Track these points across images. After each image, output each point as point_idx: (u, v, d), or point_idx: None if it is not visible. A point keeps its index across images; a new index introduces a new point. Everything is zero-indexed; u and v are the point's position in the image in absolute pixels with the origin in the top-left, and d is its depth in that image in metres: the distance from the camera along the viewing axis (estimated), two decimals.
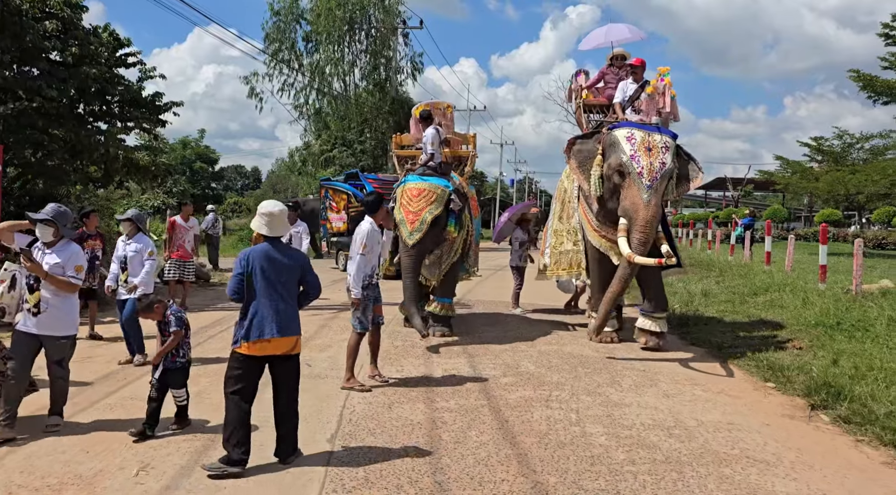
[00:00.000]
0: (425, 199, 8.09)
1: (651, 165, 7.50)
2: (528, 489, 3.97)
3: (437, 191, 8.14)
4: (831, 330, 8.68)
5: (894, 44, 15.63)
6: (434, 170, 8.51)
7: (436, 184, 8.22)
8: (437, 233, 8.16)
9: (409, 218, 7.99)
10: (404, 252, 8.07)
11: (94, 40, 11.52)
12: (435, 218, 8.03)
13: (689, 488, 4.04)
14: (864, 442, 5.00)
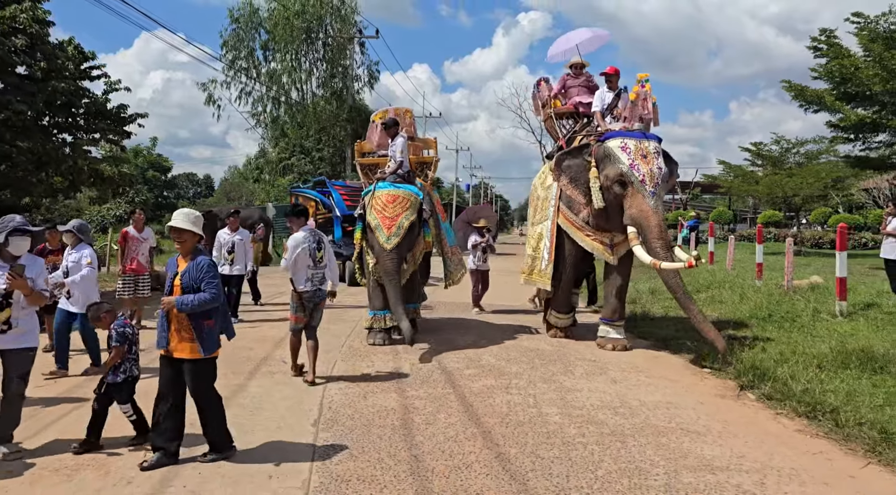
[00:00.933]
0: (401, 206, 8.17)
1: (651, 172, 7.76)
2: (492, 459, 4.56)
3: (410, 199, 8.27)
4: (763, 321, 9.55)
5: (822, 56, 16.75)
6: (403, 178, 8.60)
7: (408, 191, 8.34)
8: (412, 239, 8.33)
9: (386, 223, 8.05)
10: (385, 256, 8.05)
11: (60, 54, 11.79)
12: (411, 223, 8.17)
13: (630, 454, 4.69)
14: (782, 414, 5.73)
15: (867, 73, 15.56)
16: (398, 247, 8.05)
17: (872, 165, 18.54)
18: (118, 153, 15.88)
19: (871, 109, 16.66)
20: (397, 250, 8.05)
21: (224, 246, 10.12)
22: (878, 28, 15.82)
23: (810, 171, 25.10)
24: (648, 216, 7.69)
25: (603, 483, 4.17)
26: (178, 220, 4.44)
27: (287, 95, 31.31)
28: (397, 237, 8.03)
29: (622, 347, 8.32)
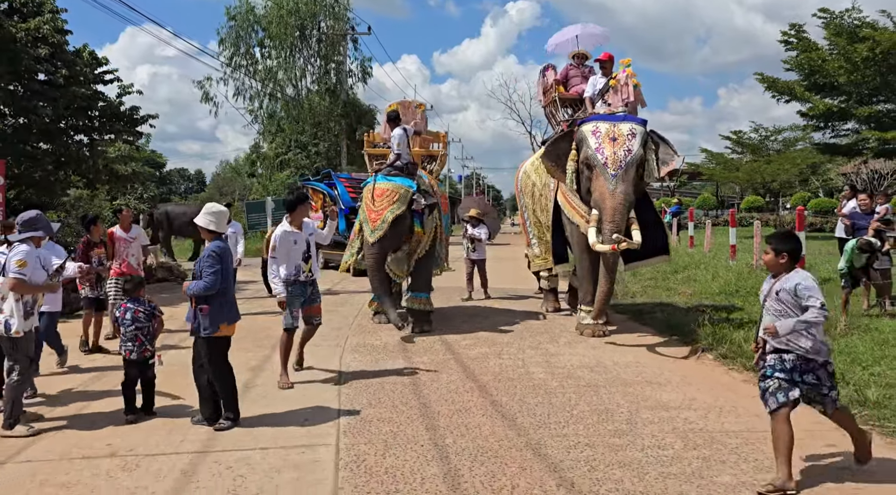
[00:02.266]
0: (388, 199, 8.19)
1: (615, 154, 7.71)
2: (487, 404, 5.54)
3: (399, 191, 8.25)
4: (730, 296, 10.59)
5: (792, 49, 17.75)
6: (400, 170, 8.61)
7: (399, 184, 8.34)
8: (401, 231, 8.34)
9: (371, 216, 8.16)
10: (367, 250, 8.24)
11: (78, 61, 12.62)
12: (397, 217, 8.13)
13: (601, 399, 5.68)
14: (734, 369, 6.73)
15: (833, 65, 16.57)
16: (380, 240, 8.09)
17: (841, 152, 19.61)
18: (131, 151, 16.74)
19: (838, 99, 17.68)
20: (379, 244, 8.11)
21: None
22: (843, 23, 16.81)
23: (787, 158, 26.23)
24: (605, 198, 7.69)
25: (577, 419, 5.16)
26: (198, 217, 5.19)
27: (282, 91, 32.07)
28: (380, 231, 8.07)
29: (601, 333, 8.29)
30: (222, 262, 4.97)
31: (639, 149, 7.83)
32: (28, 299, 5.04)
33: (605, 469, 4.16)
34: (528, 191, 10.35)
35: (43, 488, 3.97)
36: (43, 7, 12.03)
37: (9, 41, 11.05)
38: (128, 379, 5.27)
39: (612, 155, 7.74)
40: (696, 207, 35.58)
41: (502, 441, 4.67)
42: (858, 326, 7.64)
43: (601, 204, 7.77)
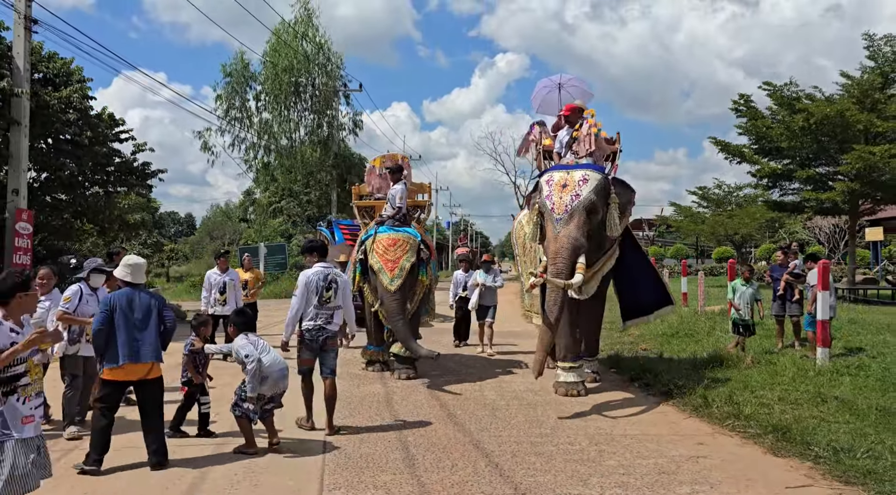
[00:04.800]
0: (401, 249, 8.60)
1: (561, 199, 7.62)
2: (444, 415, 6.99)
3: (410, 241, 8.69)
4: (669, 337, 12.11)
5: (742, 117, 19.71)
6: (400, 222, 9.02)
7: (408, 234, 8.78)
8: (413, 280, 8.75)
9: (389, 266, 8.47)
10: (389, 297, 8.42)
11: (100, 124, 14.23)
12: (412, 265, 8.61)
13: (536, 413, 7.13)
14: (652, 393, 8.21)
15: (775, 132, 18.49)
16: (401, 288, 8.45)
17: (787, 209, 21.40)
18: (142, 202, 18.28)
19: (782, 162, 19.58)
20: (401, 291, 8.45)
21: (215, 286, 10.37)
22: (784, 95, 18.81)
23: (747, 213, 28.18)
24: (549, 242, 7.64)
25: (512, 426, 6.62)
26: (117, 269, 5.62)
27: (277, 143, 33.86)
28: (400, 279, 8.44)
29: (576, 392, 7.97)
30: (112, 309, 5.24)
31: (589, 195, 7.60)
32: (75, 328, 6.37)
33: (524, 456, 5.62)
34: (520, 242, 10.28)
35: None
36: (72, 77, 13.70)
37: (43, 108, 12.66)
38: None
39: (558, 200, 7.64)
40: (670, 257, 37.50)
41: (451, 439, 6.13)
42: (760, 361, 9.15)
43: (546, 248, 7.72)
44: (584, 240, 7.55)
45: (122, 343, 5.21)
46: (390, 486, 4.88)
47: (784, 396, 7.31)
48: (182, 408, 6.29)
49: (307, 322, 6.31)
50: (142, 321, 5.31)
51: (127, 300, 5.31)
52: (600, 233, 7.90)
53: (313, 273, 6.38)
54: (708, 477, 5.13)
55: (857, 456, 5.33)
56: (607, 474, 5.20)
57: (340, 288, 6.44)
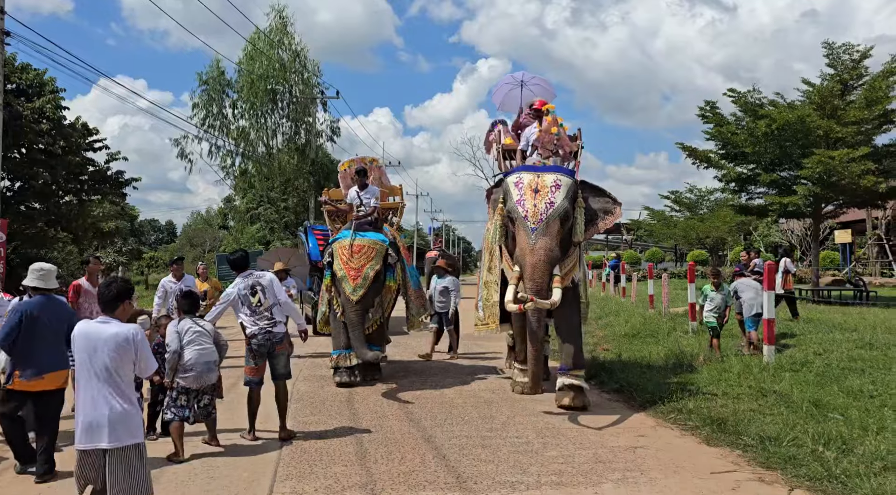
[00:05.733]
0: (365, 256, 8.46)
1: (535, 207, 7.27)
2: (402, 413, 7.28)
3: (375, 247, 8.56)
4: (631, 338, 12.48)
5: (708, 123, 20.21)
6: (371, 225, 8.94)
7: (374, 240, 8.63)
8: (378, 287, 8.64)
9: (352, 274, 8.35)
10: (350, 307, 8.29)
11: (74, 133, 14.41)
12: (376, 273, 8.48)
13: (490, 410, 7.44)
14: (605, 392, 8.54)
15: (739, 138, 19.00)
16: (363, 298, 8.33)
17: (752, 212, 21.96)
18: (115, 210, 18.44)
19: (747, 167, 20.10)
20: (362, 302, 8.32)
21: (171, 293, 9.66)
22: (748, 101, 19.34)
23: (718, 217, 28.77)
24: (524, 254, 7.21)
25: (466, 422, 6.92)
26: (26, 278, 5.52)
27: (254, 150, 34.02)
28: (362, 289, 8.31)
29: (581, 404, 7.44)
30: (23, 318, 5.15)
31: (563, 202, 7.34)
32: None
33: (471, 449, 5.93)
34: (487, 246, 9.40)
35: None
36: (45, 88, 13.88)
37: (16, 118, 12.82)
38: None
39: (532, 207, 7.29)
40: (646, 260, 38.07)
41: (404, 434, 6.42)
42: (711, 360, 9.52)
43: (521, 260, 7.29)
44: (558, 250, 7.37)
45: (37, 351, 5.12)
46: (339, 476, 5.16)
47: (728, 391, 7.68)
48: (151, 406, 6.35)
49: (250, 330, 6.23)
50: (57, 328, 5.21)
51: (40, 307, 5.24)
52: (567, 239, 7.71)
53: (233, 287, 6.33)
54: (640, 465, 5.46)
55: (782, 444, 5.68)
56: (547, 463, 5.52)
57: (266, 287, 6.26)
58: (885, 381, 7.70)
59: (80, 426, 3.73)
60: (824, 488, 4.82)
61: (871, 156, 17.45)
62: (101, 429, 3.69)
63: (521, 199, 7.43)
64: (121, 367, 3.76)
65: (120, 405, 3.73)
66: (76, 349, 3.80)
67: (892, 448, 5.36)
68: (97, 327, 3.81)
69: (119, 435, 3.70)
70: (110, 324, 3.82)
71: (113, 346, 3.74)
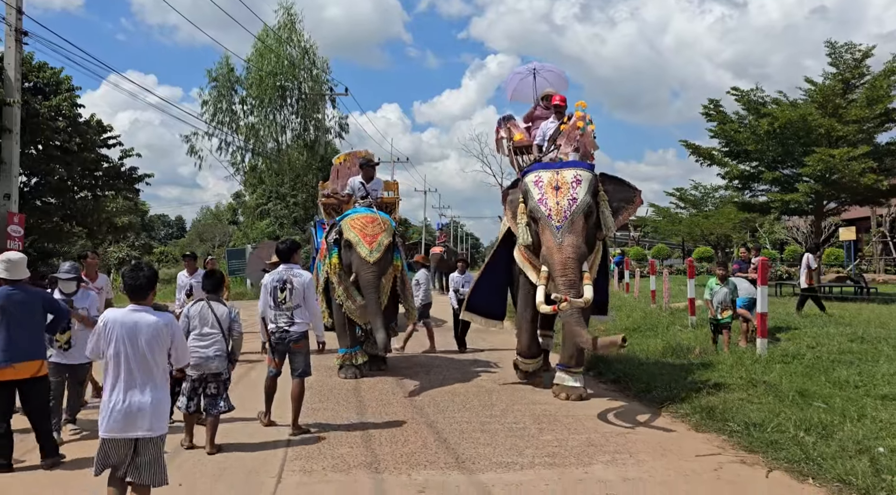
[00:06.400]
0: (380, 227, 8.62)
1: (559, 205, 7.17)
2: (406, 401, 7.62)
3: (387, 223, 8.80)
4: (631, 332, 12.74)
5: (712, 120, 20.43)
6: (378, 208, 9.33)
7: (385, 217, 8.96)
8: (388, 261, 8.73)
9: (367, 239, 8.42)
10: (366, 268, 8.30)
11: (89, 130, 14.80)
12: (389, 244, 8.60)
13: (490, 397, 7.77)
14: (603, 382, 8.86)
15: (742, 136, 19.23)
16: (379, 261, 8.39)
17: (755, 210, 22.17)
18: (128, 205, 18.85)
19: (750, 165, 20.32)
20: (378, 265, 8.37)
21: (182, 288, 10.01)
22: (751, 99, 19.55)
23: (722, 214, 28.98)
24: (552, 253, 7.09)
25: (467, 408, 7.26)
26: None
27: (263, 146, 34.40)
28: (378, 252, 8.39)
29: (577, 397, 7.63)
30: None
31: (585, 197, 7.24)
32: None
33: (471, 433, 6.26)
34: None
35: None
36: (61, 86, 14.27)
37: (34, 116, 13.22)
38: None
39: (555, 205, 7.19)
40: (653, 257, 38.28)
41: (408, 419, 6.77)
42: (706, 352, 9.82)
43: (549, 259, 7.14)
44: (585, 247, 7.22)
45: (3, 341, 5.12)
46: (346, 456, 5.51)
47: (720, 382, 7.97)
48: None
49: (271, 325, 6.35)
50: (24, 318, 5.20)
51: (6, 297, 5.17)
52: (592, 235, 7.58)
53: (269, 276, 6.48)
54: (630, 448, 5.78)
55: (766, 430, 5.97)
56: (541, 446, 5.85)
57: (296, 288, 6.29)
58: (870, 373, 8.00)
59: (112, 414, 3.73)
60: (801, 469, 5.13)
61: (871, 155, 17.64)
62: (137, 419, 3.73)
63: (542, 198, 7.32)
64: (158, 356, 3.82)
65: (156, 394, 3.80)
66: (110, 337, 3.80)
67: (868, 433, 5.65)
68: (133, 316, 3.83)
69: (154, 424, 3.77)
70: (146, 312, 3.86)
71: (152, 335, 3.79)
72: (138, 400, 3.74)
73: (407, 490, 4.79)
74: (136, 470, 3.79)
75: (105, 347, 3.83)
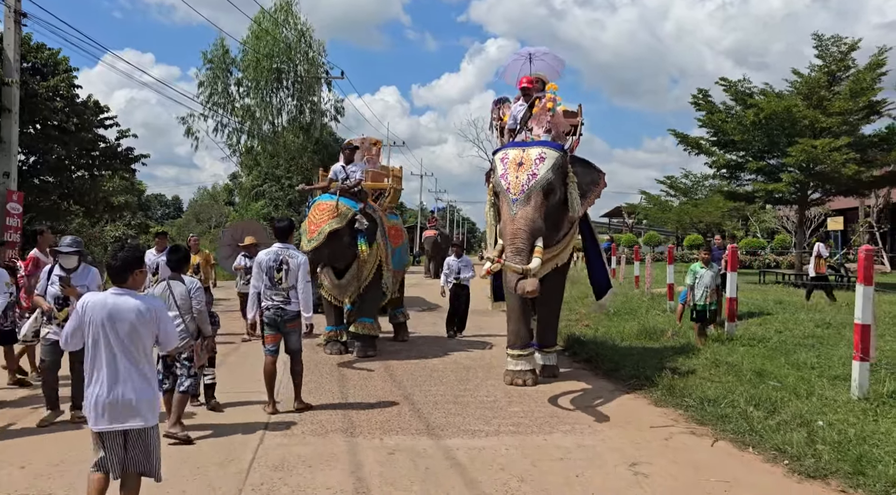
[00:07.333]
0: (328, 214, 8.67)
1: (517, 179, 7.25)
2: (386, 375, 8.04)
3: (341, 209, 8.74)
4: (611, 315, 13.19)
5: (700, 110, 20.77)
6: (354, 196, 9.26)
7: (343, 203, 8.86)
8: (339, 249, 8.78)
9: (311, 229, 8.62)
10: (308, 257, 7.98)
11: (86, 111, 15.09)
12: (334, 231, 8.59)
13: (467, 373, 8.19)
14: (577, 361, 9.29)
15: (729, 126, 19.58)
16: (315, 251, 8.39)
17: (741, 198, 22.59)
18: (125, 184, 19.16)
19: (737, 154, 20.70)
20: (313, 253, 8.29)
21: (150, 268, 9.32)
22: (738, 90, 19.88)
23: (711, 202, 29.40)
24: (506, 224, 7.22)
25: (443, 383, 7.68)
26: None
27: (259, 128, 34.58)
28: (315, 242, 8.45)
29: (523, 381, 7.69)
30: None
31: (546, 173, 7.25)
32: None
33: (444, 405, 6.68)
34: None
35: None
36: (59, 67, 14.55)
37: (32, 96, 13.51)
38: None
39: (514, 180, 7.27)
40: (644, 243, 38.73)
41: (386, 391, 7.20)
42: (678, 334, 10.25)
43: (503, 231, 7.28)
44: (542, 222, 7.21)
45: None
46: (325, 422, 5.94)
47: (685, 362, 8.40)
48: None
49: (265, 302, 6.40)
50: None
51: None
52: (557, 214, 7.57)
53: (265, 254, 6.51)
54: (590, 420, 6.22)
55: (719, 406, 6.39)
56: (508, 417, 6.28)
57: (291, 268, 6.37)
58: (829, 355, 8.46)
59: (96, 406, 3.49)
60: (744, 440, 5.55)
61: (854, 146, 18.02)
62: (124, 410, 3.49)
63: (504, 173, 7.42)
64: (142, 343, 3.59)
65: (144, 382, 3.56)
66: (87, 321, 3.55)
67: (812, 409, 6.08)
68: (114, 299, 3.58)
69: (145, 414, 3.54)
70: (128, 296, 3.61)
71: (135, 319, 3.54)
72: (122, 391, 3.49)
73: (378, 452, 5.21)
74: (131, 464, 3.56)
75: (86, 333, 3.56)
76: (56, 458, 4.91)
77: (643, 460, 5.11)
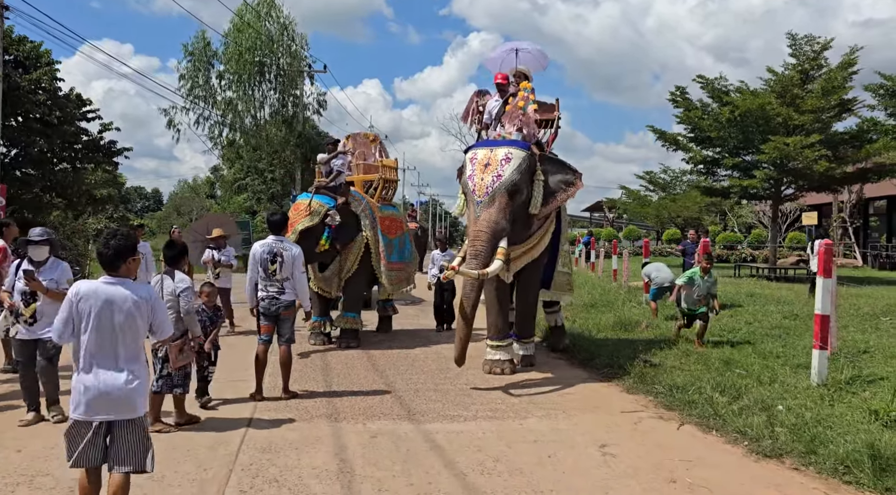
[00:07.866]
0: (302, 213, 8.95)
1: (482, 181, 7.36)
2: (370, 365, 8.28)
3: (314, 207, 8.98)
4: (589, 307, 13.53)
5: (678, 107, 21.15)
6: (331, 190, 9.46)
7: (317, 201, 9.09)
8: (311, 245, 8.76)
9: (288, 227, 8.32)
10: None
11: (69, 104, 15.13)
12: (307, 229, 8.81)
13: (448, 365, 8.41)
14: (554, 353, 9.58)
15: (706, 123, 19.99)
16: None
17: (717, 194, 23.04)
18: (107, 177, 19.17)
19: (713, 150, 21.13)
20: None
21: None
22: (715, 88, 20.29)
23: (689, 198, 29.92)
24: (470, 226, 7.49)
25: (424, 372, 7.95)
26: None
27: (241, 121, 34.54)
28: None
29: (499, 370, 7.93)
30: None
31: (511, 175, 7.31)
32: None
33: (425, 392, 6.95)
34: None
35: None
36: (41, 60, 14.56)
37: (14, 89, 13.54)
38: None
39: (479, 182, 7.39)
40: (625, 237, 39.26)
41: (369, 380, 7.46)
42: (651, 326, 10.59)
43: (467, 231, 7.62)
44: (506, 223, 7.31)
45: None
46: (309, 408, 6.19)
47: (657, 352, 8.73)
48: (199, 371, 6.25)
49: (261, 293, 6.59)
50: None
51: None
52: (526, 212, 7.66)
53: (259, 246, 6.65)
54: (564, 406, 6.51)
55: (687, 392, 6.71)
56: (486, 403, 6.56)
57: (286, 261, 6.54)
58: (794, 345, 8.83)
59: (84, 395, 3.40)
60: (707, 423, 5.88)
61: (825, 144, 18.48)
62: (110, 400, 3.40)
63: (472, 174, 7.53)
64: (135, 332, 3.51)
65: (133, 374, 3.47)
66: (78, 310, 3.46)
67: (774, 395, 6.41)
68: (106, 288, 3.49)
69: (134, 404, 3.46)
70: (121, 284, 3.52)
71: (129, 308, 3.47)
72: (113, 380, 3.41)
73: (361, 436, 5.46)
74: (118, 457, 3.45)
75: (77, 323, 3.46)
76: (51, 442, 5.10)
77: (612, 442, 5.41)
